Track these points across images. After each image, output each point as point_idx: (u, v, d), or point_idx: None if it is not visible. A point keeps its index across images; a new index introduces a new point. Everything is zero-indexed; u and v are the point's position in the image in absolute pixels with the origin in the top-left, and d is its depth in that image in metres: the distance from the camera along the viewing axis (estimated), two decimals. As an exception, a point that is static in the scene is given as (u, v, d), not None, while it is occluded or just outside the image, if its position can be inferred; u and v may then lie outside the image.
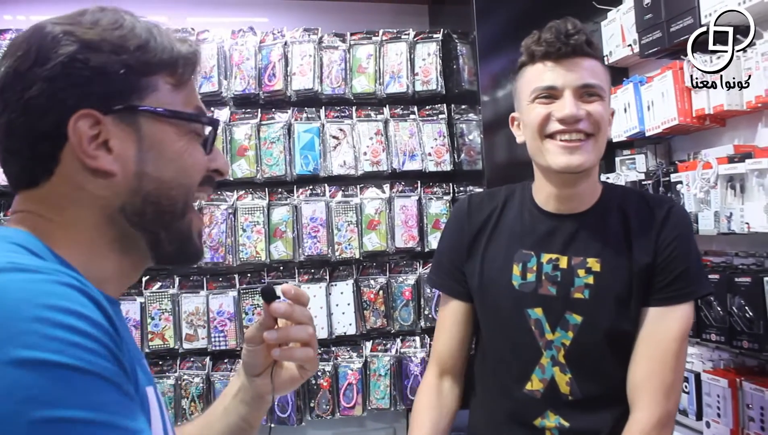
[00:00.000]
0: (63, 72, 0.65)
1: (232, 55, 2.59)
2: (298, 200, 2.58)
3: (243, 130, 2.56)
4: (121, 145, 0.68)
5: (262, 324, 0.91)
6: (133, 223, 0.70)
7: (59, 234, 0.67)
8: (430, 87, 2.67)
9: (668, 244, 1.28)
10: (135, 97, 0.69)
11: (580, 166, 1.25)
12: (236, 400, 0.95)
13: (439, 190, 2.68)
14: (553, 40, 1.25)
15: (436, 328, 1.51)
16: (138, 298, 2.46)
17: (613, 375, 1.30)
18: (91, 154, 0.67)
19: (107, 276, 0.70)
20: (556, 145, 1.26)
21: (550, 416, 1.32)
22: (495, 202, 1.44)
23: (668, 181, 1.93)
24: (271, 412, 2.47)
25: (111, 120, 0.68)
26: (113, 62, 0.68)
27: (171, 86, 0.72)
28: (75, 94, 0.66)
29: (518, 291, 1.34)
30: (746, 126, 1.84)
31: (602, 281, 1.29)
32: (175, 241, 0.74)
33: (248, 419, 0.95)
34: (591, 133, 1.25)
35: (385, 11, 2.92)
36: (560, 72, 1.26)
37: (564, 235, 1.33)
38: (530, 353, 1.33)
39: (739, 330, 1.65)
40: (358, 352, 2.56)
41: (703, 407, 1.83)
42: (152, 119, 0.70)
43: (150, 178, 0.70)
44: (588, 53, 1.26)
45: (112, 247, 0.70)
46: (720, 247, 1.92)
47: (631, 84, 2.10)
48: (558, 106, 1.25)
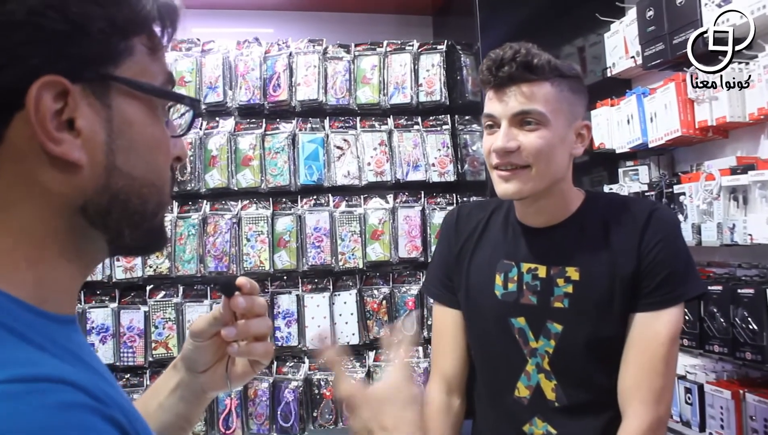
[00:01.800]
0: (30, 20, 0.50)
1: (237, 65, 2.61)
2: (302, 210, 2.59)
3: (248, 140, 2.58)
4: (90, 127, 0.53)
5: (216, 318, 0.83)
6: (94, 222, 0.56)
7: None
8: (434, 98, 2.68)
9: (651, 249, 1.28)
10: (110, 63, 0.54)
11: (516, 193, 1.28)
12: (174, 396, 0.85)
13: (442, 201, 2.69)
14: (487, 72, 1.27)
15: (433, 341, 1.52)
16: (142, 307, 2.47)
17: (598, 381, 1.31)
18: (54, 137, 0.51)
19: (59, 291, 0.56)
20: (496, 173, 1.29)
21: (538, 423, 1.33)
22: (483, 212, 1.46)
23: (671, 193, 1.94)
24: (274, 422, 2.47)
25: (79, 91, 0.52)
26: (95, 16, 0.52)
27: (147, 50, 0.58)
28: (41, 53, 0.50)
29: (501, 301, 1.37)
30: (749, 138, 1.85)
31: (581, 290, 1.30)
32: (140, 238, 0.60)
33: (188, 416, 0.86)
34: (524, 165, 1.26)
35: (390, 22, 2.93)
36: (496, 103, 1.28)
37: (542, 245, 1.35)
38: (516, 361, 1.35)
39: (742, 341, 1.65)
40: (361, 362, 2.56)
41: (706, 419, 1.82)
42: (124, 94, 0.56)
43: (120, 173, 0.55)
44: (527, 79, 1.24)
45: (63, 254, 0.56)
46: (723, 258, 1.92)
47: (634, 95, 2.11)
48: (495, 138, 1.27)
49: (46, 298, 0.54)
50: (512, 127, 1.26)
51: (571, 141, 1.32)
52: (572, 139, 1.32)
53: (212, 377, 0.86)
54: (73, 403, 0.45)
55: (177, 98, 0.63)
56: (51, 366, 0.48)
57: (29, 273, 0.53)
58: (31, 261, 0.54)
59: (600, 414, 1.31)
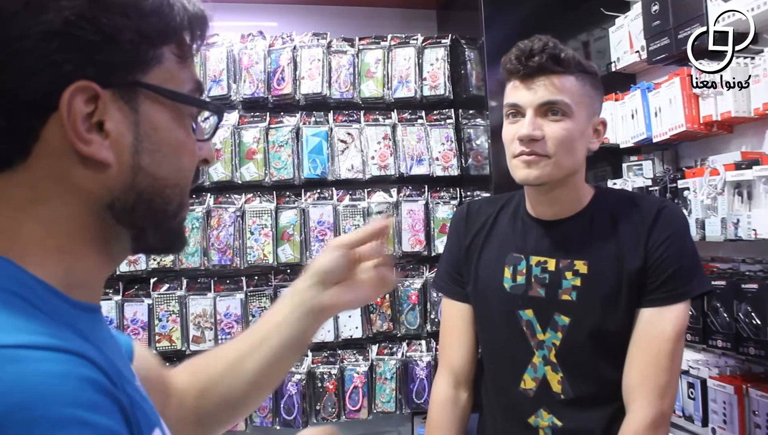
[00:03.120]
0: (65, 30, 0.53)
1: (242, 58, 2.61)
2: (306, 204, 2.59)
3: (252, 133, 2.58)
4: (118, 130, 0.57)
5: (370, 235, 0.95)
6: (120, 219, 0.60)
7: (31, 236, 0.56)
8: (438, 92, 2.68)
9: (659, 246, 1.29)
10: (139, 71, 0.58)
11: (536, 178, 1.29)
12: (297, 313, 0.93)
13: (446, 195, 2.69)
14: (516, 62, 1.29)
15: (441, 334, 1.53)
16: (146, 299, 2.48)
17: (604, 375, 1.32)
18: (84, 138, 0.55)
19: (86, 280, 0.60)
20: (517, 160, 1.31)
21: (544, 415, 1.34)
22: (492, 208, 1.48)
23: (675, 188, 1.93)
24: (277, 414, 2.48)
25: (109, 96, 0.56)
26: (124, 27, 0.56)
27: (176, 58, 0.61)
28: (75, 60, 0.54)
29: (509, 293, 1.38)
30: (753, 133, 1.84)
31: (589, 283, 1.31)
32: (161, 238, 0.64)
33: (307, 333, 0.94)
34: (547, 154, 1.28)
35: (394, 16, 2.93)
36: (523, 91, 1.30)
37: (552, 238, 1.36)
38: (523, 353, 1.36)
39: (745, 336, 1.65)
40: (364, 355, 2.57)
41: (709, 414, 1.83)
42: (152, 100, 0.59)
43: (145, 174, 0.59)
44: (554, 70, 1.28)
45: (92, 246, 0.60)
46: (727, 253, 1.92)
47: (638, 90, 2.10)
48: (520, 126, 1.29)
49: (73, 285, 0.57)
50: (537, 117, 1.28)
51: (589, 135, 1.35)
52: (590, 134, 1.35)
53: (338, 293, 0.94)
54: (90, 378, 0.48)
55: (201, 105, 0.66)
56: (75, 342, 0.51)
57: (59, 261, 0.57)
58: (62, 250, 0.57)
59: (605, 407, 1.32)
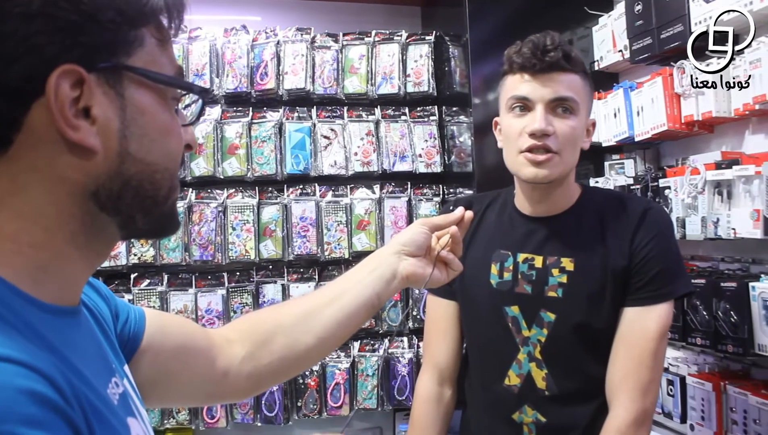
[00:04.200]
0: (44, 11, 0.52)
1: (225, 53, 2.58)
2: (288, 199, 2.58)
3: (234, 128, 2.56)
4: (104, 115, 0.55)
5: (452, 221, 1.07)
6: (105, 207, 0.58)
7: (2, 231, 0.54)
8: (421, 89, 2.68)
9: (644, 246, 1.31)
10: (122, 53, 0.57)
11: (546, 177, 1.31)
12: (373, 275, 1.01)
13: (429, 192, 2.69)
14: (530, 56, 1.29)
15: (426, 331, 1.53)
16: (126, 295, 2.44)
17: (588, 371, 1.33)
18: (72, 123, 0.53)
19: (62, 279, 0.57)
20: (526, 158, 1.31)
21: (528, 411, 1.35)
22: (479, 205, 1.48)
23: (656, 186, 1.95)
24: (258, 411, 2.46)
25: (94, 81, 0.55)
26: (105, 5, 0.55)
27: (156, 42, 0.60)
28: (57, 42, 0.52)
29: (496, 289, 1.39)
30: (734, 133, 1.86)
31: (575, 280, 1.32)
32: (153, 222, 0.63)
33: (381, 295, 1.01)
34: (556, 151, 1.29)
35: (378, 12, 2.92)
36: (535, 85, 1.30)
37: (540, 235, 1.37)
38: (508, 349, 1.37)
39: (724, 334, 1.67)
40: (345, 352, 2.56)
41: (687, 410, 1.85)
42: (137, 83, 0.58)
43: (133, 159, 0.57)
44: (565, 68, 1.29)
45: (70, 241, 0.57)
46: (706, 252, 1.94)
47: (621, 89, 2.12)
48: (530, 120, 1.30)
49: (46, 285, 0.55)
50: (547, 113, 1.29)
51: (584, 134, 1.37)
52: (584, 133, 1.37)
53: (413, 265, 1.03)
54: (32, 391, 0.44)
55: (187, 87, 0.65)
56: (27, 350, 0.47)
57: (32, 259, 0.55)
58: (37, 247, 0.55)
59: (589, 403, 1.33)
